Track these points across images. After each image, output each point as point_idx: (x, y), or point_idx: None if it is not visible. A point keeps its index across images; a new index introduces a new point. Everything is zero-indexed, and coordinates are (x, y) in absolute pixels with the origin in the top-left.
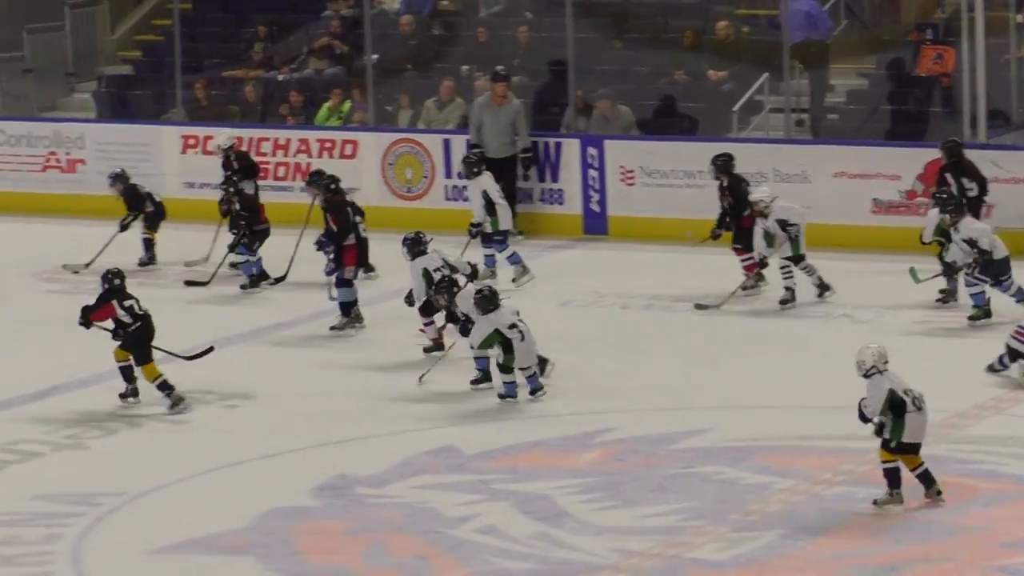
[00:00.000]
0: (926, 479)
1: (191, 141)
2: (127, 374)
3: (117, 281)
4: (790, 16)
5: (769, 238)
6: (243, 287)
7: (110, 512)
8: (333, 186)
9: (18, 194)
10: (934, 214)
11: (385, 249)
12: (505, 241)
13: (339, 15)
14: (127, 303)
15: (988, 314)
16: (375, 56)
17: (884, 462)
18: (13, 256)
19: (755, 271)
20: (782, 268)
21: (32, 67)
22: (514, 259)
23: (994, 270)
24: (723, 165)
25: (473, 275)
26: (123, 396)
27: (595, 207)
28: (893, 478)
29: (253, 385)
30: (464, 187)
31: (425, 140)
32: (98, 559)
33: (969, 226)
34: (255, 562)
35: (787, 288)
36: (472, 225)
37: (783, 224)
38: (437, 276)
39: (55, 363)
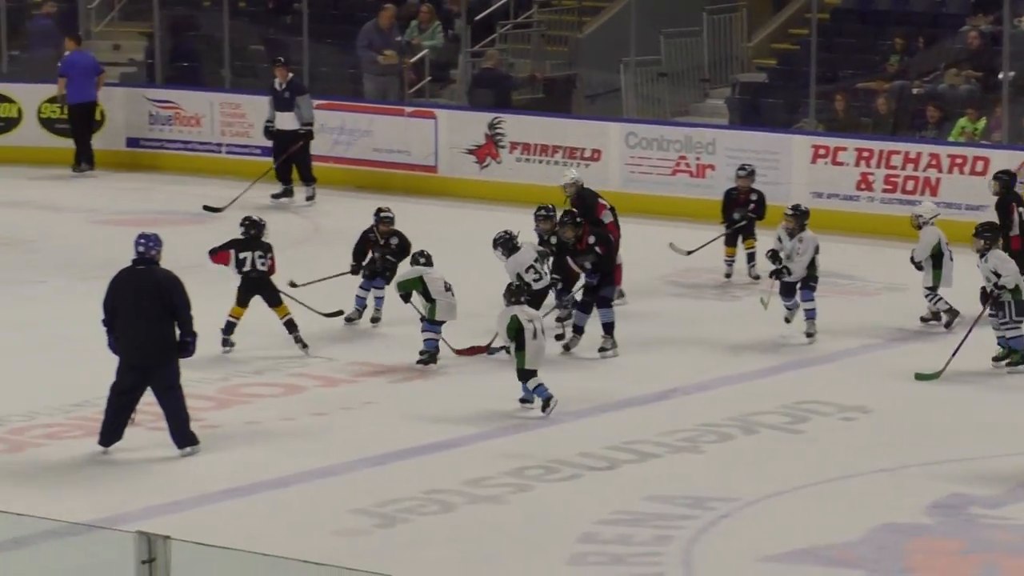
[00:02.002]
0: None
1: (821, 151)
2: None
3: (251, 231)
4: None
5: None
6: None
7: (722, 517)
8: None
9: (647, 196)
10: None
11: None
12: None
13: (978, 30)
14: (243, 255)
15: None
16: (1012, 73)
17: None
18: (640, 257)
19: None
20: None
21: (667, 71)
22: None
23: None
24: None
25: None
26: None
27: None
28: None
29: (870, 398)
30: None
31: None
32: (708, 563)
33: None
34: None
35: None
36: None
37: None
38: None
39: (675, 366)
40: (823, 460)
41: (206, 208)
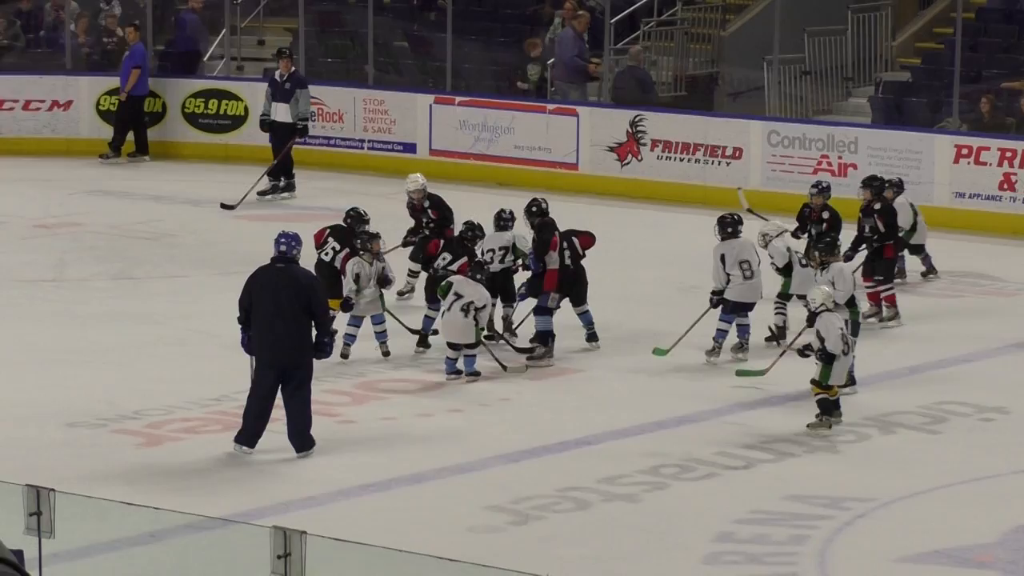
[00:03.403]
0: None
1: (964, 151)
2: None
3: (345, 221)
4: None
5: None
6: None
7: (858, 517)
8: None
9: (789, 195)
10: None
11: None
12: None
13: None
14: (327, 246)
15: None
16: None
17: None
18: None
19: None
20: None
21: (810, 69)
22: None
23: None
24: None
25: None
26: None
27: None
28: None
29: (1009, 399)
30: None
31: None
32: (843, 563)
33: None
34: None
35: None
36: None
37: None
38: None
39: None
40: (960, 461)
41: (223, 206)
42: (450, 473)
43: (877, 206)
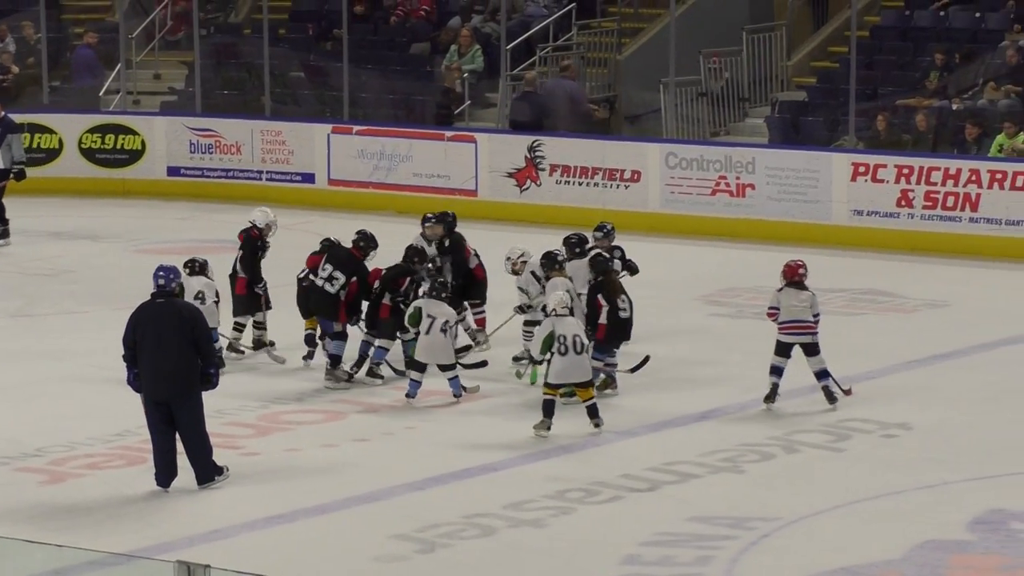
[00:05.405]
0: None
1: (861, 169)
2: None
3: (358, 244)
4: None
5: None
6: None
7: (763, 536)
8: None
9: (687, 217)
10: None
11: None
12: None
13: (1017, 45)
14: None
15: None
16: None
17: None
18: (679, 277)
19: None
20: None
21: (706, 91)
22: None
23: None
24: None
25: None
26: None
27: None
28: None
29: (911, 416)
30: None
31: None
32: None
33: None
34: None
35: None
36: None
37: None
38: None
39: (714, 386)
40: (864, 478)
41: None
42: (355, 503)
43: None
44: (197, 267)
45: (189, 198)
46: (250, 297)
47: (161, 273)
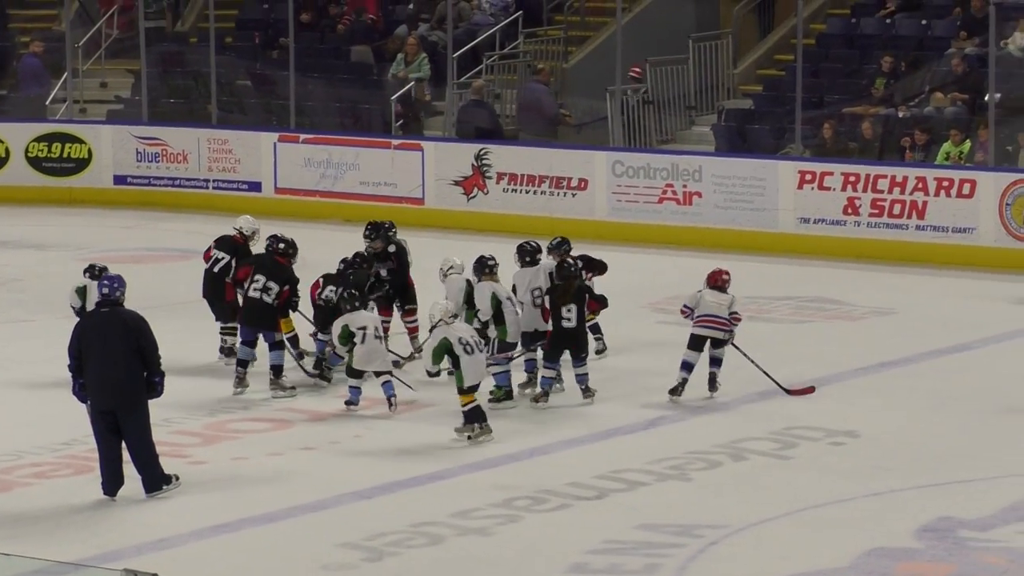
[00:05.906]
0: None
1: (808, 176)
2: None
3: (354, 264)
4: None
5: None
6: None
7: (711, 544)
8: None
9: (634, 225)
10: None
11: None
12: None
13: (963, 53)
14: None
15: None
16: (998, 95)
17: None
18: (626, 285)
19: None
20: None
21: (652, 99)
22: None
23: None
24: None
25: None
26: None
27: None
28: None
29: (858, 423)
30: None
31: None
32: None
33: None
34: None
35: None
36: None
37: None
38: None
39: (662, 394)
40: (812, 486)
41: None
42: (303, 511)
43: None
44: (98, 271)
45: (136, 206)
46: (235, 303)
47: (106, 282)
